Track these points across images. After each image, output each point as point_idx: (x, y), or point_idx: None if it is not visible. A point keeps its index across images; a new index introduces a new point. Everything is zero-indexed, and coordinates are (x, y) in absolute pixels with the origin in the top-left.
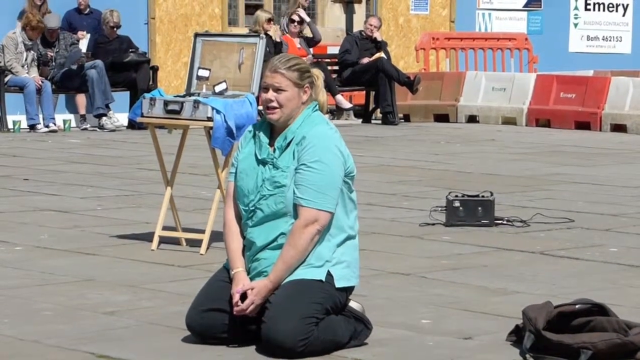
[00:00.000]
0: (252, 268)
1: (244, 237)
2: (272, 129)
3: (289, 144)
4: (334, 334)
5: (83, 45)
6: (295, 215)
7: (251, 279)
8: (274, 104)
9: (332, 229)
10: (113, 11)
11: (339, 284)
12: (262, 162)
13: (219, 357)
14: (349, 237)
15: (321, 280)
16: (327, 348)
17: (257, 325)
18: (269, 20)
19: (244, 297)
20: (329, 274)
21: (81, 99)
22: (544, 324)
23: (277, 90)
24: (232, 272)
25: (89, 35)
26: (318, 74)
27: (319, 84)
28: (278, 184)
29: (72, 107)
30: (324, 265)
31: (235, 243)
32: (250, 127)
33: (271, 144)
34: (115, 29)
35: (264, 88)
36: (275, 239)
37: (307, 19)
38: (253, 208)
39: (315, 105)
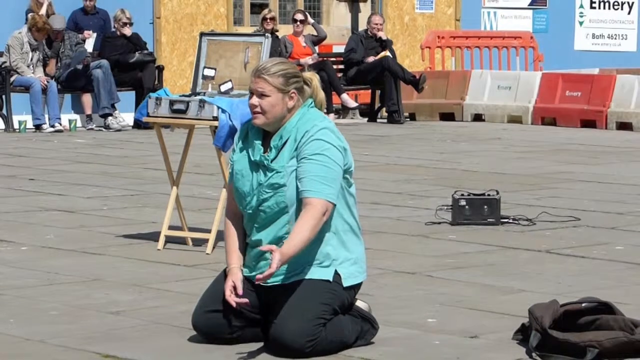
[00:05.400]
0: (259, 266)
1: (247, 236)
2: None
3: (285, 142)
4: (341, 334)
5: (89, 45)
6: (298, 209)
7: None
8: (258, 110)
9: (336, 225)
10: (124, 10)
11: (346, 282)
12: (255, 164)
13: (225, 357)
14: (354, 233)
15: (329, 281)
16: (334, 348)
17: (264, 325)
18: (265, 19)
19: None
20: (336, 274)
21: (87, 99)
22: (550, 323)
23: (261, 95)
24: (228, 268)
25: (94, 35)
26: (311, 76)
27: (314, 84)
28: (277, 185)
29: (77, 107)
30: (331, 265)
31: (232, 240)
32: (244, 125)
33: (266, 143)
34: (128, 27)
35: (250, 92)
36: (281, 238)
37: (311, 20)
38: (254, 211)
39: (311, 103)
